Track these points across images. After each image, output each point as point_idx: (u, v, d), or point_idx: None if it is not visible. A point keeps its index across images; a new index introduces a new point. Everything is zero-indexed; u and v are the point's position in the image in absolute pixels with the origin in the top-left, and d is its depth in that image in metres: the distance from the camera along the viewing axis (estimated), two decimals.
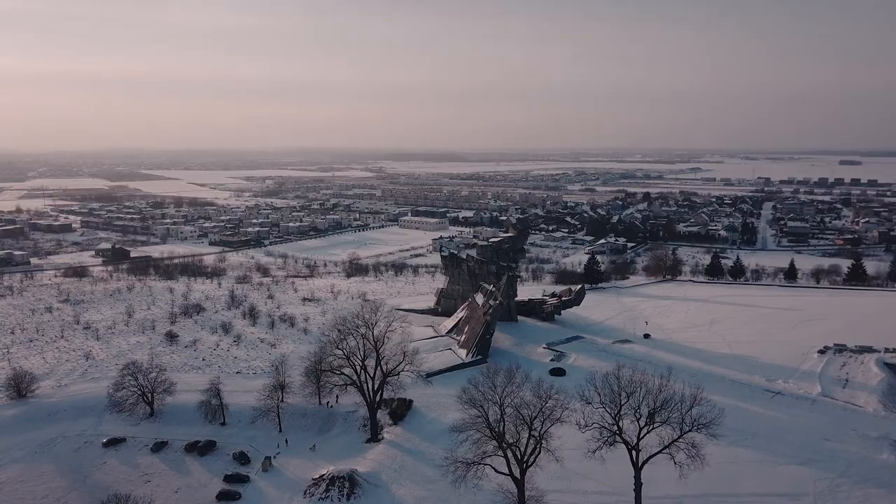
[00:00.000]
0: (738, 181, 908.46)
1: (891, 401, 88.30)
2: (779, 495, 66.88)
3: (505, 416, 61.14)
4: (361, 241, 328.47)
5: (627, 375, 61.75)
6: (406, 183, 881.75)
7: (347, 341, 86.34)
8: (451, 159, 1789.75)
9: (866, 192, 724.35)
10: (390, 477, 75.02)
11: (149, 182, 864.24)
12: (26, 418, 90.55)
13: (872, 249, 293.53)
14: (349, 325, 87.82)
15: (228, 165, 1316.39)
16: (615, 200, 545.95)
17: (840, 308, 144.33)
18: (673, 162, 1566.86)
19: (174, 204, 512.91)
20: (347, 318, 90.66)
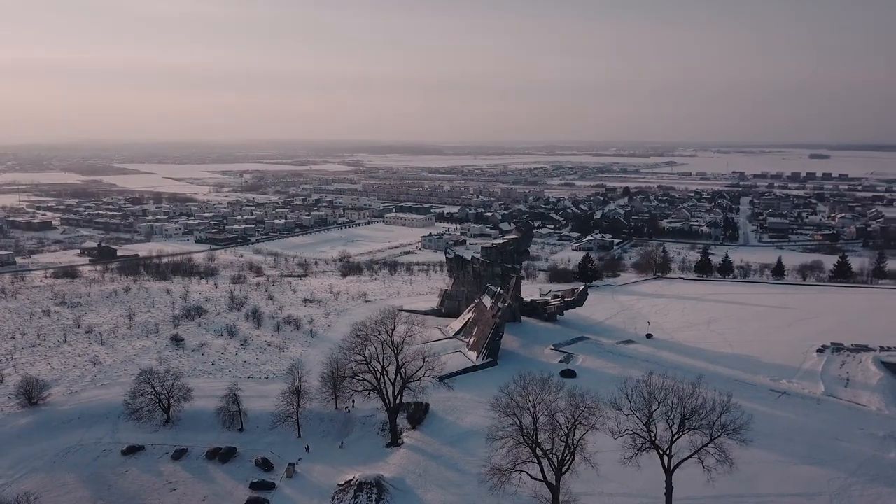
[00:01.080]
0: (714, 175, 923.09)
1: (893, 400, 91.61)
2: (795, 495, 69.15)
3: (539, 423, 62.45)
4: (349, 238, 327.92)
5: (658, 382, 63.32)
6: (385, 177, 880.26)
7: (368, 347, 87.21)
8: (428, 152, 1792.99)
9: (838, 186, 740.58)
10: (415, 482, 76.04)
11: (124, 176, 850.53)
12: (40, 427, 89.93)
13: (851, 245, 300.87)
14: (369, 331, 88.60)
15: (203, 159, 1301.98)
16: (596, 196, 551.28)
17: (830, 306, 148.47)
18: (647, 155, 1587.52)
19: (153, 200, 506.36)
20: (367, 324, 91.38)
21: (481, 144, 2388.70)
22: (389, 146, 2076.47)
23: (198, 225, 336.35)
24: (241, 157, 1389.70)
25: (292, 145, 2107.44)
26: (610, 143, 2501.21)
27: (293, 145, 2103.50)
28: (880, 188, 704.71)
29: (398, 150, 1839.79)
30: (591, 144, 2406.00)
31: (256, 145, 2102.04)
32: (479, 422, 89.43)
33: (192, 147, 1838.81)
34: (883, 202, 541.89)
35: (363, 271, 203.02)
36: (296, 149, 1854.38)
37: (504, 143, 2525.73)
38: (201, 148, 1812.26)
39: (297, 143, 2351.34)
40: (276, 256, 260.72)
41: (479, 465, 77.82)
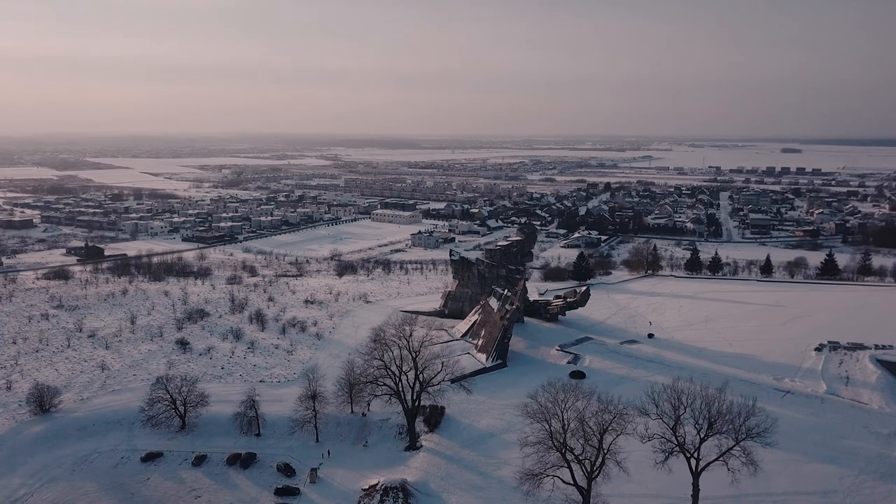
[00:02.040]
0: (691, 170, 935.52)
1: (892, 398, 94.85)
2: (810, 493, 71.56)
3: (569, 429, 63.92)
4: (336, 236, 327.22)
5: (685, 387, 65.11)
6: (366, 172, 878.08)
7: (387, 352, 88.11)
8: (406, 146, 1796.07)
9: (813, 181, 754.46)
10: (439, 485, 77.18)
11: (99, 171, 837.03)
12: (55, 434, 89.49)
13: (830, 241, 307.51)
14: (389, 336, 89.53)
15: (177, 153, 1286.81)
16: (578, 191, 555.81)
17: (822, 304, 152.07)
18: (623, 150, 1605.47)
19: (134, 196, 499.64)
20: (386, 330, 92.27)
21: (458, 138, 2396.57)
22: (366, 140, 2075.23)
23: (183, 223, 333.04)
24: (217, 152, 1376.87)
25: (266, 139, 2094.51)
26: (585, 137, 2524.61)
27: (267, 139, 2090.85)
28: (853, 183, 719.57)
29: (375, 144, 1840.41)
30: (568, 138, 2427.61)
31: (230, 139, 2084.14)
32: (494, 424, 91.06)
33: (164, 140, 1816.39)
34: (857, 197, 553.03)
35: (358, 271, 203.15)
36: (270, 142, 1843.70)
37: (481, 137, 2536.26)
38: (173, 141, 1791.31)
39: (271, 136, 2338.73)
40: (267, 255, 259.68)
41: (500, 468, 79.74)
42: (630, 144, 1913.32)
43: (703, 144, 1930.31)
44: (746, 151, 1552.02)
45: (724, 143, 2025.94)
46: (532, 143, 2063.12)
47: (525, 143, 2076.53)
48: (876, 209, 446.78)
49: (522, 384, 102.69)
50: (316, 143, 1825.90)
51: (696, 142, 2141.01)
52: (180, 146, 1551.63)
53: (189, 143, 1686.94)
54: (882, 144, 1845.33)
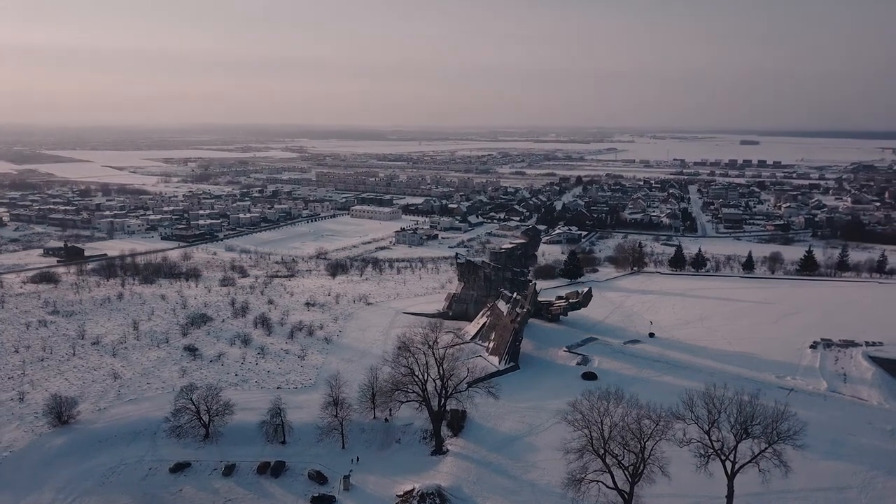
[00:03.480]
0: (657, 163, 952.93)
1: (890, 394, 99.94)
2: (827, 489, 75.42)
3: (610, 435, 66.42)
4: (318, 233, 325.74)
5: (719, 393, 68.12)
6: (335, 165, 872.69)
7: (413, 358, 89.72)
8: (371, 137, 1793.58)
9: (775, 174, 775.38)
10: (472, 490, 79.10)
11: (60, 165, 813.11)
12: (77, 447, 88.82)
13: (801, 235, 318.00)
14: (416, 343, 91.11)
15: (138, 145, 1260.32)
16: (552, 185, 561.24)
17: (807, 300, 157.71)
18: (587, 142, 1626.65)
19: (102, 192, 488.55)
20: (413, 338, 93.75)
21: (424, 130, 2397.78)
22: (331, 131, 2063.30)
23: (160, 220, 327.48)
24: (179, 144, 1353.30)
25: (229, 130, 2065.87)
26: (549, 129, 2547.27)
27: (230, 130, 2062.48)
28: (814, 175, 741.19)
29: (340, 136, 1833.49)
30: (532, 130, 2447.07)
31: (191, 130, 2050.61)
32: (517, 427, 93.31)
33: (122, 132, 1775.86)
34: (819, 190, 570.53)
35: (350, 270, 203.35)
36: (233, 134, 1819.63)
37: (447, 129, 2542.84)
38: (132, 133, 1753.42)
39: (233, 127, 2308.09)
40: (251, 254, 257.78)
41: (529, 471, 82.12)
42: (593, 136, 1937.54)
43: (664, 136, 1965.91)
44: (707, 143, 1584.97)
45: (685, 135, 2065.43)
46: (497, 134, 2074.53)
47: (490, 134, 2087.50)
48: (840, 203, 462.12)
49: (538, 386, 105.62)
50: (280, 135, 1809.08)
51: (657, 133, 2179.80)
52: (140, 138, 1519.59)
53: (148, 135, 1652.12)
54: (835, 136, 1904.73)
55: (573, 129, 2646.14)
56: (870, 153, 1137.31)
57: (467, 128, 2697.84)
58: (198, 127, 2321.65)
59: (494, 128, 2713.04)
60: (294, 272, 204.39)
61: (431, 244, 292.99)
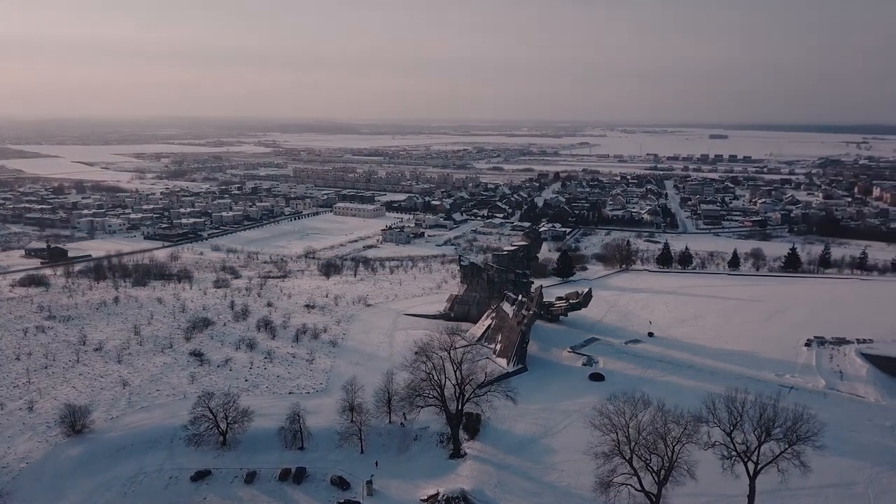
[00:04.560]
0: (630, 157, 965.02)
1: (886, 391, 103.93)
2: (836, 485, 78.45)
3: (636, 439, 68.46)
4: (302, 232, 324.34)
5: (740, 397, 70.59)
6: (310, 160, 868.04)
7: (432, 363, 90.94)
8: (343, 131, 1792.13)
9: (747, 168, 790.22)
10: (495, 493, 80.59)
11: (28, 161, 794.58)
12: (93, 456, 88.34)
13: (778, 231, 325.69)
14: (434, 349, 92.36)
15: (106, 139, 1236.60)
16: (531, 181, 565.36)
17: (795, 298, 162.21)
18: (560, 136, 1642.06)
19: (76, 189, 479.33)
20: (432, 344, 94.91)
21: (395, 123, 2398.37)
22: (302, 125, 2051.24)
23: (141, 219, 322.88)
24: (148, 138, 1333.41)
25: (197, 124, 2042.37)
26: (520, 123, 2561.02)
27: (198, 124, 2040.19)
28: (784, 170, 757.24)
29: (312, 129, 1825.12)
30: (503, 124, 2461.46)
31: (158, 123, 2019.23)
32: (531, 429, 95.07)
33: (88, 125, 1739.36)
34: (791, 185, 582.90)
35: (343, 270, 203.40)
36: (202, 127, 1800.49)
37: (418, 122, 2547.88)
38: (97, 126, 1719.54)
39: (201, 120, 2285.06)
40: (238, 254, 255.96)
41: (549, 473, 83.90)
42: (565, 130, 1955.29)
43: (634, 130, 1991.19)
44: (677, 137, 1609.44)
45: (655, 129, 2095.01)
46: (469, 128, 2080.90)
47: (462, 128, 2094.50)
48: (812, 198, 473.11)
49: (547, 388, 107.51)
50: (250, 129, 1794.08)
51: (627, 127, 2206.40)
52: (106, 131, 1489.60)
53: (115, 129, 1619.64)
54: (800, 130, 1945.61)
55: (543, 122, 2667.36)
56: (835, 147, 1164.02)
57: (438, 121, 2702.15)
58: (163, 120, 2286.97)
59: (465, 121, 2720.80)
60: (286, 273, 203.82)
61: (418, 242, 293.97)
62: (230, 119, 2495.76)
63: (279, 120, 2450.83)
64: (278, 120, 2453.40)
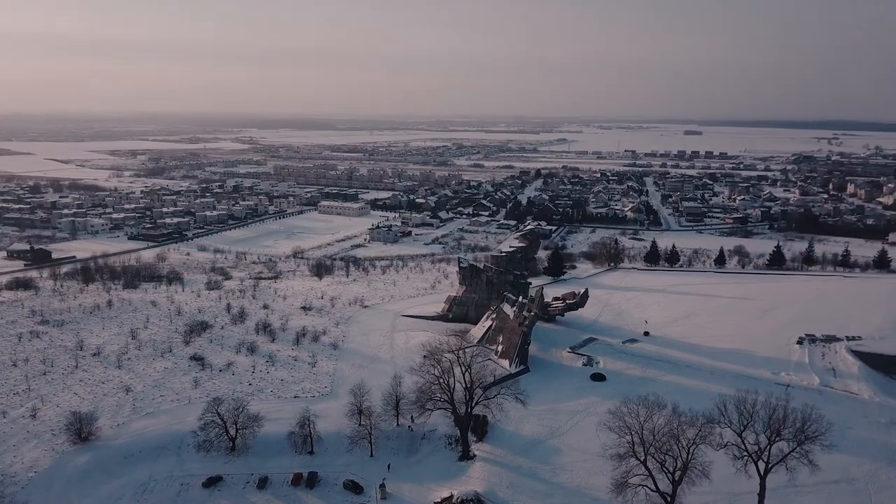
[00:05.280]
0: (609, 154, 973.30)
1: (878, 388, 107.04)
2: (837, 482, 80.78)
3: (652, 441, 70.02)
4: (289, 231, 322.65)
5: (751, 398, 72.52)
6: (289, 157, 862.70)
7: (440, 367, 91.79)
8: (320, 127, 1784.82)
9: (724, 165, 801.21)
10: (507, 495, 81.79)
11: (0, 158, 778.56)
12: (102, 464, 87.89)
13: (759, 228, 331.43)
14: (443, 352, 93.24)
15: (79, 136, 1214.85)
16: (513, 179, 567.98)
17: (784, 295, 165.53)
18: (537, 132, 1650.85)
19: (53, 188, 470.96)
20: (441, 347, 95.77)
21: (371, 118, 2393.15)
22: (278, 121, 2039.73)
23: (123, 219, 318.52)
24: (122, 134, 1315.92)
25: (171, 119, 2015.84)
26: (497, 118, 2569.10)
27: (172, 119, 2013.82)
28: (759, 167, 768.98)
29: (288, 125, 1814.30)
30: (480, 119, 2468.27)
31: (130, 119, 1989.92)
32: (538, 430, 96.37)
33: (58, 120, 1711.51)
34: (768, 182, 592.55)
35: (334, 271, 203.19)
36: (176, 123, 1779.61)
37: (394, 118, 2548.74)
38: (69, 121, 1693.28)
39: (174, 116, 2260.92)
40: (225, 254, 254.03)
41: (558, 474, 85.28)
42: (541, 126, 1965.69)
43: (610, 126, 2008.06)
44: (653, 133, 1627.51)
45: (630, 125, 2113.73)
46: (447, 124, 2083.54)
47: (439, 124, 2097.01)
48: (789, 195, 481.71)
49: (550, 389, 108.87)
50: (226, 124, 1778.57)
51: (603, 123, 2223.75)
52: (78, 127, 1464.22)
53: (87, 125, 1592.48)
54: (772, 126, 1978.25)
55: (520, 118, 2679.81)
56: (807, 143, 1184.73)
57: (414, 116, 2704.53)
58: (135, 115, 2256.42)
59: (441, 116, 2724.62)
60: (278, 273, 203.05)
61: (406, 241, 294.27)
62: (204, 115, 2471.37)
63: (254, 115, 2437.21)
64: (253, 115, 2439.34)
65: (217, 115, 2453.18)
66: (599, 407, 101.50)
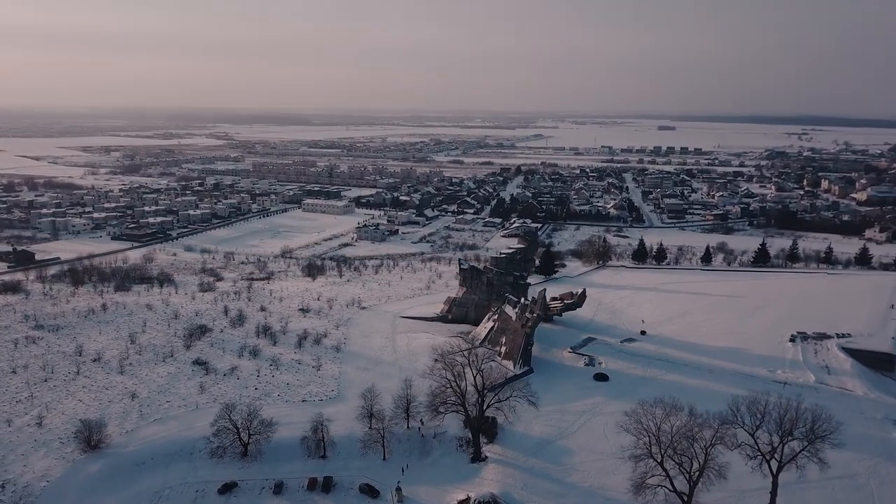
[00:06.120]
0: (586, 150, 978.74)
1: (871, 384, 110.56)
2: (840, 478, 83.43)
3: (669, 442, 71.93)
4: (274, 230, 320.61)
5: (762, 399, 74.81)
6: (266, 153, 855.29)
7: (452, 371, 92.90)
8: (295, 122, 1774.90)
9: (699, 161, 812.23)
10: (522, 496, 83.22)
11: None
12: (115, 472, 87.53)
13: (739, 225, 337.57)
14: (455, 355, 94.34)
15: (48, 131, 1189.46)
16: (495, 175, 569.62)
17: (772, 292, 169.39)
18: (513, 127, 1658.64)
19: (28, 186, 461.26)
20: (452, 351, 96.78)
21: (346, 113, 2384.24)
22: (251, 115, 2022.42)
23: (105, 219, 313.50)
24: (93, 130, 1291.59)
25: (142, 114, 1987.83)
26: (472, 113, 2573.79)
27: (143, 115, 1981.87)
28: (734, 163, 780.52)
29: (262, 120, 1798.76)
30: (456, 114, 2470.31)
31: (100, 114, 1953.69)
32: (547, 431, 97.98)
33: (27, 116, 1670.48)
34: (744, 177, 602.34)
35: (327, 271, 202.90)
36: (147, 118, 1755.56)
37: (370, 112, 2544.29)
38: (37, 117, 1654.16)
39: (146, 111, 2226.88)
40: (213, 254, 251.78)
41: (570, 474, 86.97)
42: (517, 122, 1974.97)
43: (585, 122, 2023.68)
44: (627, 129, 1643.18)
45: (604, 120, 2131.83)
46: (423, 119, 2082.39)
47: (415, 119, 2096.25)
48: (766, 191, 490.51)
49: (554, 389, 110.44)
50: (199, 119, 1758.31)
51: (578, 119, 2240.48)
52: (47, 122, 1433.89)
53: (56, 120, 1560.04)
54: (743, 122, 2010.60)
55: (495, 113, 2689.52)
56: (778, 139, 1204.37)
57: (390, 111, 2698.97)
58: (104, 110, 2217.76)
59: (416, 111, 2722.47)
60: (269, 274, 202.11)
61: (393, 240, 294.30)
62: (175, 109, 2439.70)
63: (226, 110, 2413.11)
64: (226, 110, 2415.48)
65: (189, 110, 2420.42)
66: (605, 407, 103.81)
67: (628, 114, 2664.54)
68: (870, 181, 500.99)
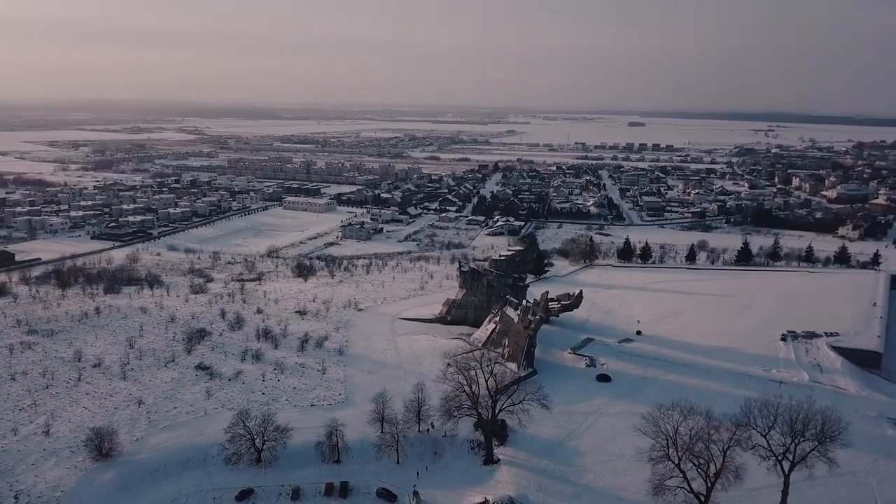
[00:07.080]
0: (560, 146, 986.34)
1: (862, 382, 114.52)
2: (841, 475, 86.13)
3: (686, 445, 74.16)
4: (256, 228, 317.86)
5: (774, 401, 77.43)
6: (239, 148, 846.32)
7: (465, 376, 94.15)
8: (265, 116, 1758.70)
9: (672, 157, 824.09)
10: (539, 498, 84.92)
11: None
12: (129, 480, 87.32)
13: (716, 222, 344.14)
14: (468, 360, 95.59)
15: (12, 125, 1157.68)
16: (474, 172, 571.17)
17: (758, 291, 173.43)
18: (485, 123, 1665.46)
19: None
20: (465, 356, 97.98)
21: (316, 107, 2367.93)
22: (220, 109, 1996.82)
23: (82, 217, 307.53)
24: (57, 123, 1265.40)
25: (107, 107, 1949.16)
26: (443, 108, 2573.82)
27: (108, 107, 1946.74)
28: (706, 159, 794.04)
29: (231, 114, 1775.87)
30: (426, 109, 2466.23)
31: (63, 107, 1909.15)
32: (556, 432, 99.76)
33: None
34: (716, 174, 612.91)
35: (317, 271, 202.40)
36: (113, 112, 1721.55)
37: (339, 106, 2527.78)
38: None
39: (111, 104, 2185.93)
40: (198, 254, 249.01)
41: (583, 475, 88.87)
42: (489, 117, 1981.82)
43: (556, 117, 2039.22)
44: (597, 125, 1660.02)
45: (575, 116, 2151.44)
46: (394, 114, 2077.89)
47: (386, 113, 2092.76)
48: (739, 188, 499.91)
49: (559, 391, 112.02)
50: (166, 113, 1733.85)
51: (549, 114, 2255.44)
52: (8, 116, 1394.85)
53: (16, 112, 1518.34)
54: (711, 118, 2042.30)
55: (466, 108, 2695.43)
56: (745, 136, 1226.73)
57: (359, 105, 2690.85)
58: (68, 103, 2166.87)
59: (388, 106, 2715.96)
60: (260, 275, 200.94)
61: (378, 238, 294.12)
62: (141, 102, 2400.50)
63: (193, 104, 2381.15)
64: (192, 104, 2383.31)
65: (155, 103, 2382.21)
66: (610, 408, 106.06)
67: (599, 109, 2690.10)
68: (838, 178, 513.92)
